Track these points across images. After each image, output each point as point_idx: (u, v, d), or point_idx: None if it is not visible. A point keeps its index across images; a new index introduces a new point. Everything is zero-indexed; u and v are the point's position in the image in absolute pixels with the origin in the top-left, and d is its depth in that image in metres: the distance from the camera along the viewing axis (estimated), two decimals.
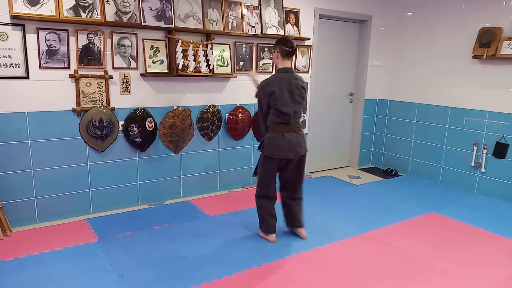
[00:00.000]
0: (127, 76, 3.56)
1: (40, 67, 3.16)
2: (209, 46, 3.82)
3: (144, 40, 3.57)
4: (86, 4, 3.22)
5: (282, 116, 2.95)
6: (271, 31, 4.26)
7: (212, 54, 3.86)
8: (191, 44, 3.72)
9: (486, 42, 4.23)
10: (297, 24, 4.50)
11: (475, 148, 4.49)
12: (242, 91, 4.28)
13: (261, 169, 3.09)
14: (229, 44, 4.06)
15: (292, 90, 2.95)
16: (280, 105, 2.92)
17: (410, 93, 5.18)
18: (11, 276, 2.56)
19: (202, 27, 3.79)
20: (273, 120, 2.98)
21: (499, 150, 4.29)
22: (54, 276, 2.58)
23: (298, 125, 3.05)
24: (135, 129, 3.62)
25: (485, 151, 4.41)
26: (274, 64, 3.08)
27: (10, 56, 3.04)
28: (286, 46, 2.95)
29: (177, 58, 3.65)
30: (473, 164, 4.53)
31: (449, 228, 3.55)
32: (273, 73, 3.14)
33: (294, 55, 3.00)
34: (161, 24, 3.56)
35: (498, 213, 3.93)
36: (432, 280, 2.68)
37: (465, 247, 3.19)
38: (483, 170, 4.46)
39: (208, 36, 3.85)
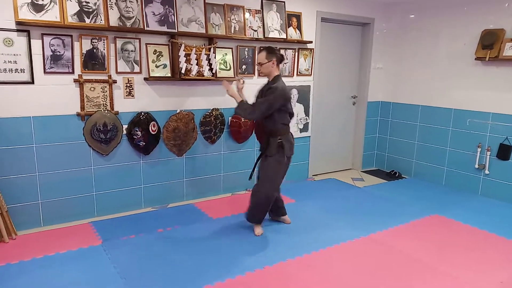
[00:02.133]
0: (130, 81, 3.60)
1: (45, 72, 3.20)
2: (212, 50, 3.85)
3: (147, 45, 3.60)
4: (90, 10, 3.26)
5: (289, 117, 3.27)
6: (273, 34, 4.28)
7: (215, 58, 3.89)
8: (194, 48, 3.75)
9: (489, 44, 4.23)
10: (299, 27, 4.52)
11: (479, 150, 4.47)
12: (245, 94, 4.28)
13: (277, 169, 3.26)
14: (231, 48, 4.09)
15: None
16: (290, 108, 3.26)
17: (413, 95, 5.18)
18: (16, 279, 2.59)
19: (204, 31, 3.82)
20: (283, 121, 3.23)
21: (503, 152, 4.27)
22: (58, 279, 2.61)
23: None
24: (139, 132, 3.65)
25: (488, 153, 4.40)
26: (267, 72, 3.23)
27: (15, 62, 3.08)
28: (280, 54, 3.23)
29: (180, 62, 3.68)
30: (476, 166, 4.52)
31: (453, 230, 3.54)
32: (274, 79, 3.23)
33: None
34: (164, 28, 3.59)
35: (502, 215, 3.92)
36: (435, 283, 2.68)
37: (468, 249, 3.18)
38: (487, 172, 4.44)
39: (210, 40, 3.88)
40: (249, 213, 3.38)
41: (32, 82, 3.17)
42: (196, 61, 3.77)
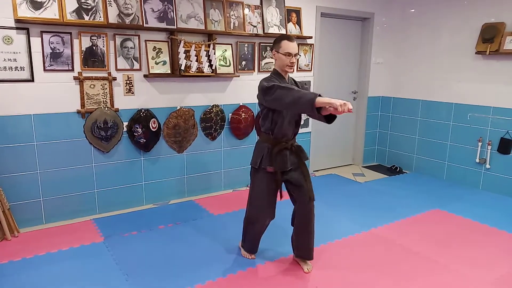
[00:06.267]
0: (130, 77, 3.60)
1: (45, 70, 3.21)
2: (211, 46, 3.84)
3: (147, 42, 3.60)
4: (89, 7, 3.26)
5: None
6: (273, 30, 4.27)
7: (215, 54, 3.88)
8: (193, 45, 3.74)
9: (489, 38, 4.21)
10: (298, 22, 4.50)
11: (480, 144, 4.47)
12: (245, 91, 4.29)
13: (255, 184, 2.77)
14: (231, 44, 4.08)
15: None
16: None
17: (414, 90, 5.17)
18: (19, 276, 2.61)
19: (204, 28, 3.81)
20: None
21: (504, 146, 4.27)
22: (61, 276, 2.62)
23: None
24: (139, 129, 3.65)
25: (489, 147, 4.39)
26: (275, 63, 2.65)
27: (15, 60, 3.08)
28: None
29: (180, 58, 3.68)
30: (477, 160, 4.52)
31: (454, 224, 3.54)
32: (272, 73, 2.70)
33: None
34: (163, 25, 3.59)
35: (503, 209, 3.92)
36: (435, 276, 2.69)
37: (469, 243, 3.18)
38: (487, 166, 4.44)
39: (210, 36, 3.87)
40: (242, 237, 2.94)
41: (32, 80, 3.17)
42: (196, 57, 3.77)
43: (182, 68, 3.71)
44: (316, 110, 2.24)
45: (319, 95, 2.23)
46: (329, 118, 2.34)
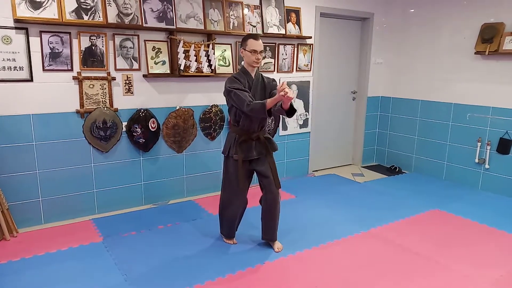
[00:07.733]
0: (129, 77, 3.59)
1: (44, 69, 3.20)
2: (211, 46, 3.84)
3: (146, 41, 3.59)
4: (88, 7, 3.25)
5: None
6: (272, 30, 4.27)
7: (214, 54, 3.88)
8: (193, 45, 3.74)
9: (489, 38, 4.21)
10: (298, 23, 4.50)
11: (479, 144, 4.47)
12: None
13: (226, 171, 3.01)
14: (230, 44, 4.08)
15: None
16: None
17: (413, 90, 5.17)
18: (18, 276, 2.60)
19: (203, 28, 3.81)
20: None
21: (503, 146, 4.27)
22: (59, 276, 2.61)
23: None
24: (138, 129, 3.65)
25: (488, 147, 4.39)
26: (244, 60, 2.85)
27: (14, 60, 3.08)
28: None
29: (179, 58, 3.68)
30: (477, 160, 4.52)
31: (453, 224, 3.54)
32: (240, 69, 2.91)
33: None
34: (162, 25, 3.58)
35: (502, 209, 3.92)
36: (435, 277, 2.68)
37: (468, 243, 3.18)
38: (487, 166, 4.44)
39: (209, 36, 3.87)
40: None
41: (31, 80, 3.17)
42: (195, 57, 3.76)
43: (182, 68, 3.70)
44: (269, 112, 2.59)
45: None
46: (289, 113, 2.63)
